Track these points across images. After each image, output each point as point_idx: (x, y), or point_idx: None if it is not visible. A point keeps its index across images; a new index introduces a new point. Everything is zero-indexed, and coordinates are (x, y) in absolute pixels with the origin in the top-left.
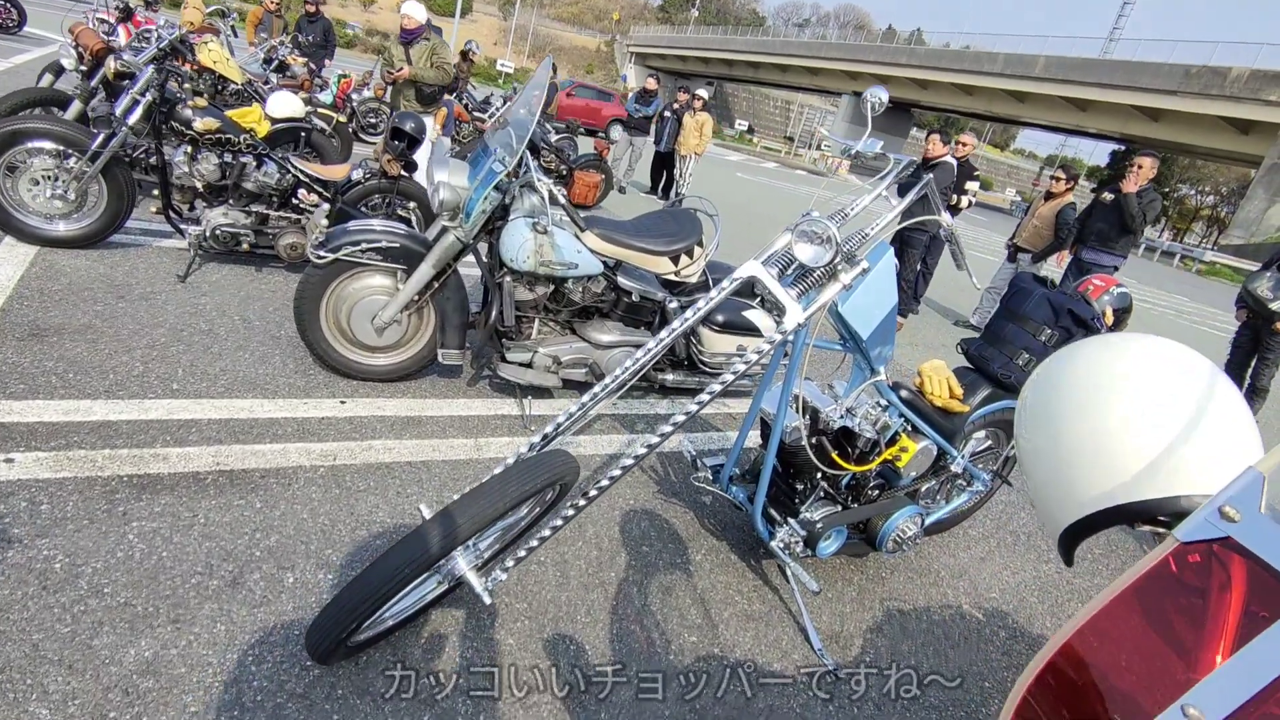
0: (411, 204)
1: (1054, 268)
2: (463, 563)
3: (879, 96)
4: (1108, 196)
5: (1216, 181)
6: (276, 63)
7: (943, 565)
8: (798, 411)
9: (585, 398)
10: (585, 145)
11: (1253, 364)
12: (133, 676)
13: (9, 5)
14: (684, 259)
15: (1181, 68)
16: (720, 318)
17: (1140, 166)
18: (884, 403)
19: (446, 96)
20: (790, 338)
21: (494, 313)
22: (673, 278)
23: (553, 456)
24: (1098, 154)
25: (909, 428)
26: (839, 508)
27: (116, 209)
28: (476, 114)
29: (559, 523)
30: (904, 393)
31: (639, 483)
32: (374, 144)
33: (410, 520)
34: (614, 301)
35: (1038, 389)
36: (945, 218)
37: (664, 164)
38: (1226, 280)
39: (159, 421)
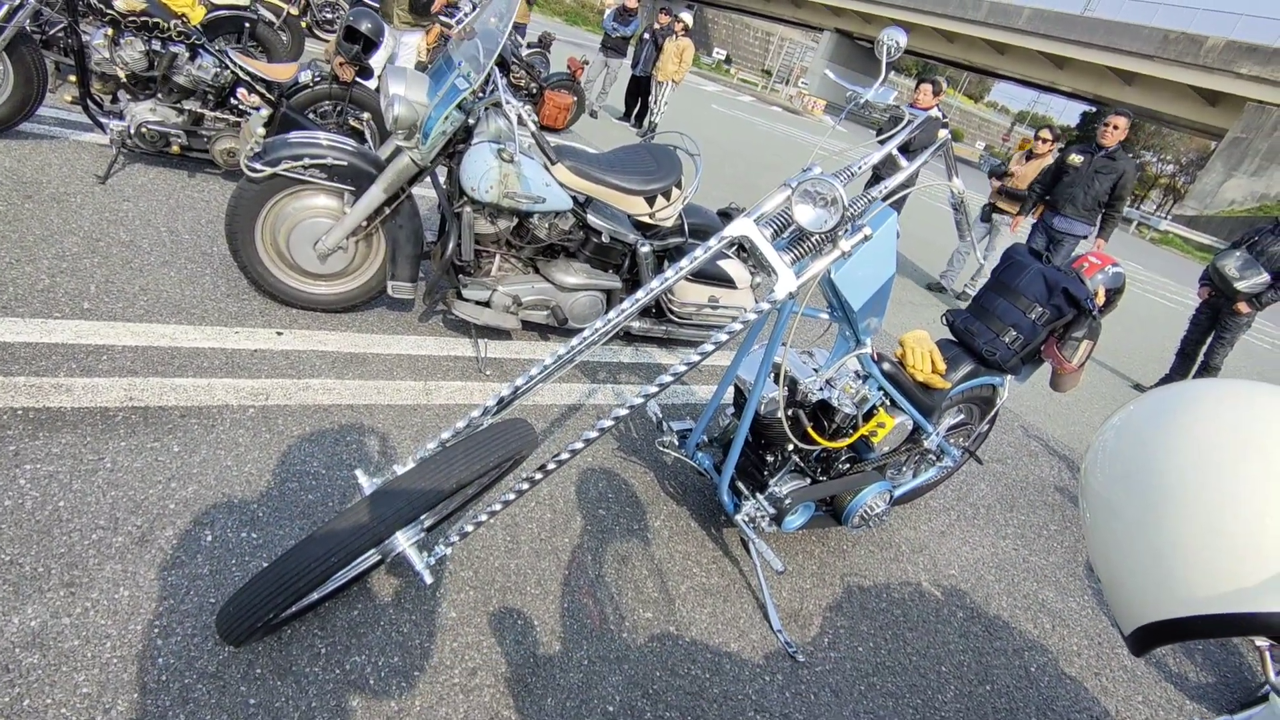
0: (365, 115)
1: (1010, 235)
2: (401, 538)
3: (895, 39)
4: (1077, 158)
5: (1178, 151)
6: None
7: (904, 539)
8: (776, 381)
9: (548, 359)
10: (558, 62)
11: (1208, 342)
12: (15, 650)
13: None
14: (660, 200)
15: (1161, 32)
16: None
17: (1116, 126)
18: (863, 373)
19: (442, 14)
20: (778, 306)
21: (451, 245)
22: (647, 220)
23: (509, 429)
24: (1067, 113)
25: (887, 402)
26: (808, 481)
27: (24, 94)
28: (443, 19)
29: (511, 497)
30: (886, 366)
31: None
32: (328, 42)
33: (347, 476)
34: (582, 241)
35: (1129, 439)
36: (957, 183)
37: (640, 89)
38: (1178, 250)
39: (64, 346)
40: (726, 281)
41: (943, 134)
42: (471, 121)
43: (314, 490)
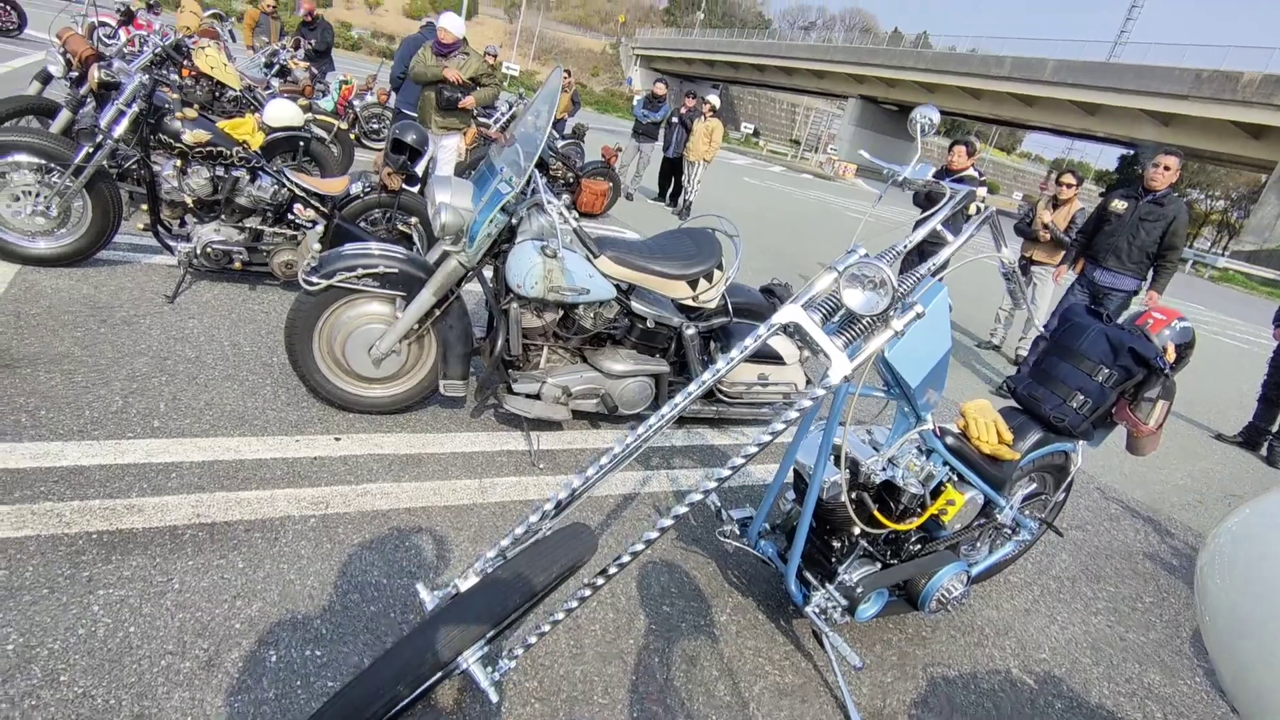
0: (413, 219)
1: (1052, 285)
2: (466, 654)
3: (929, 116)
4: (1120, 204)
5: (1227, 186)
6: (278, 67)
7: (986, 620)
8: (836, 464)
9: (605, 459)
10: (592, 150)
11: None
12: None
13: (8, 7)
14: (703, 283)
15: (1192, 72)
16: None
17: (1166, 167)
18: (926, 448)
19: (481, 116)
20: (832, 390)
21: (501, 342)
22: (690, 303)
23: (570, 537)
24: (1104, 158)
25: (955, 477)
26: (879, 566)
27: (102, 226)
28: (482, 119)
29: (573, 605)
30: (950, 439)
31: None
32: (378, 150)
33: (408, 584)
34: (627, 328)
35: (1251, 549)
36: (1006, 253)
37: (673, 170)
38: (1240, 287)
39: (136, 466)
40: (775, 359)
41: (981, 193)
42: (514, 221)
43: (376, 601)
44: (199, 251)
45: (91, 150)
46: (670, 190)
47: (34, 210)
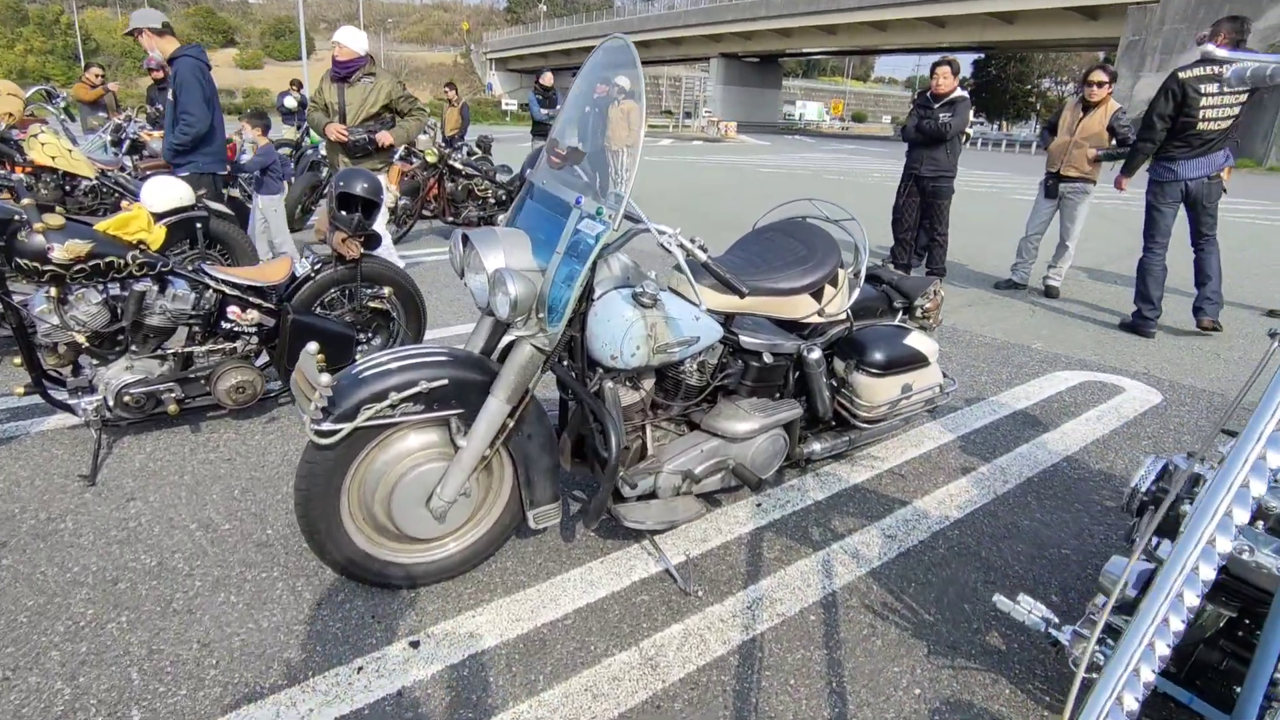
0: (386, 290)
1: (1088, 203)
2: None
3: None
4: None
5: (1072, 71)
6: (128, 143)
7: None
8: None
9: None
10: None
11: None
12: None
13: None
14: (828, 290)
15: None
16: (879, 356)
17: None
18: None
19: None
20: None
21: (613, 443)
22: (816, 319)
23: None
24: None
25: None
26: None
27: None
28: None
29: None
30: None
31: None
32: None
33: None
34: (741, 371)
35: None
36: None
37: None
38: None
39: None
40: (919, 362)
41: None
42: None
43: None
44: (111, 402)
45: None
46: None
47: None
